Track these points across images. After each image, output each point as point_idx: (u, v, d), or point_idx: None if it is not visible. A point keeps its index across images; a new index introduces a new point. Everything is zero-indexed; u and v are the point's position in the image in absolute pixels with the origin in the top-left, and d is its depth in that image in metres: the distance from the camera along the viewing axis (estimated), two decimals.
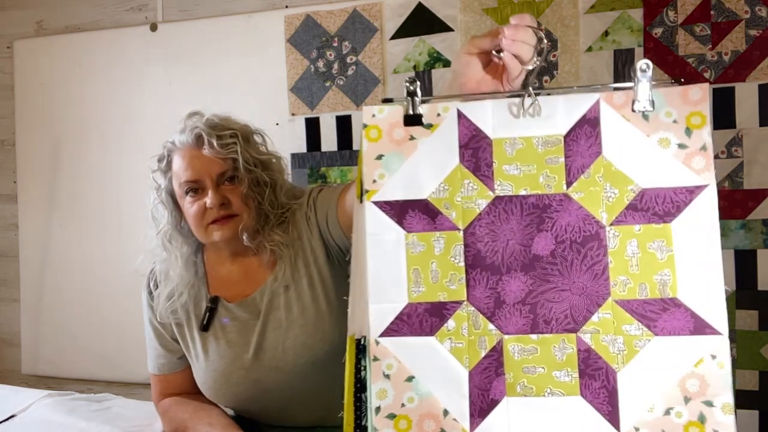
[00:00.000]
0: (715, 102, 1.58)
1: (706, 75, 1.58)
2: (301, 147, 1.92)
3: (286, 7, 1.92)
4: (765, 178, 1.55)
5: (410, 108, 0.68)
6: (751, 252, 1.57)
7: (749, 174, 1.56)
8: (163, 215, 1.13)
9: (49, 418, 1.31)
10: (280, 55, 1.92)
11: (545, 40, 0.70)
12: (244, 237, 1.07)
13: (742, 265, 1.57)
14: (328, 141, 1.90)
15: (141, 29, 2.07)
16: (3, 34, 2.25)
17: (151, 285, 1.18)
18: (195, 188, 1.07)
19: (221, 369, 1.11)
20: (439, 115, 0.68)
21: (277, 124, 1.91)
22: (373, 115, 0.68)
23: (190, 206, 1.08)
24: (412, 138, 0.68)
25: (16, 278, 2.26)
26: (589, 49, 1.66)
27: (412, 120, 0.68)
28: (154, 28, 2.05)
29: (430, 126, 0.68)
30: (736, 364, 1.58)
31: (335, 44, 1.87)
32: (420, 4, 1.79)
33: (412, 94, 0.68)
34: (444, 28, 1.77)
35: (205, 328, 1.12)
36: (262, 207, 1.09)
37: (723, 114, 1.58)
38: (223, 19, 1.98)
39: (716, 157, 1.58)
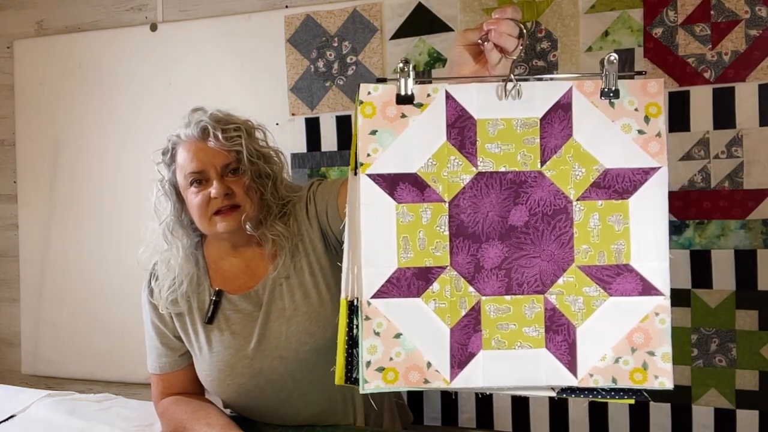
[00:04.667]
0: (715, 102, 1.58)
1: (706, 75, 1.58)
2: (301, 147, 1.92)
3: (286, 7, 1.92)
4: (765, 178, 1.55)
5: (403, 88, 0.73)
6: (751, 252, 1.57)
7: (749, 174, 1.56)
8: (166, 207, 1.16)
9: (49, 418, 1.30)
10: (280, 55, 1.92)
11: (525, 32, 0.76)
12: (248, 226, 1.09)
13: (742, 265, 1.57)
14: (328, 141, 1.90)
15: (141, 29, 2.07)
16: (3, 34, 2.25)
17: (153, 284, 1.19)
18: (199, 180, 1.10)
19: (226, 359, 1.12)
20: (429, 95, 0.74)
21: (277, 124, 1.91)
22: (369, 93, 0.74)
23: (194, 197, 1.10)
24: (403, 116, 0.73)
25: (16, 278, 2.26)
26: (589, 49, 1.66)
27: (404, 99, 0.73)
28: (154, 28, 2.05)
29: (420, 105, 0.74)
30: (736, 364, 1.58)
31: (335, 44, 1.87)
32: (420, 4, 1.79)
33: (405, 75, 0.72)
34: (444, 28, 1.78)
35: (209, 321, 1.14)
36: (264, 198, 1.12)
37: (723, 114, 1.57)
38: (223, 19, 1.98)
39: (716, 157, 1.58)
